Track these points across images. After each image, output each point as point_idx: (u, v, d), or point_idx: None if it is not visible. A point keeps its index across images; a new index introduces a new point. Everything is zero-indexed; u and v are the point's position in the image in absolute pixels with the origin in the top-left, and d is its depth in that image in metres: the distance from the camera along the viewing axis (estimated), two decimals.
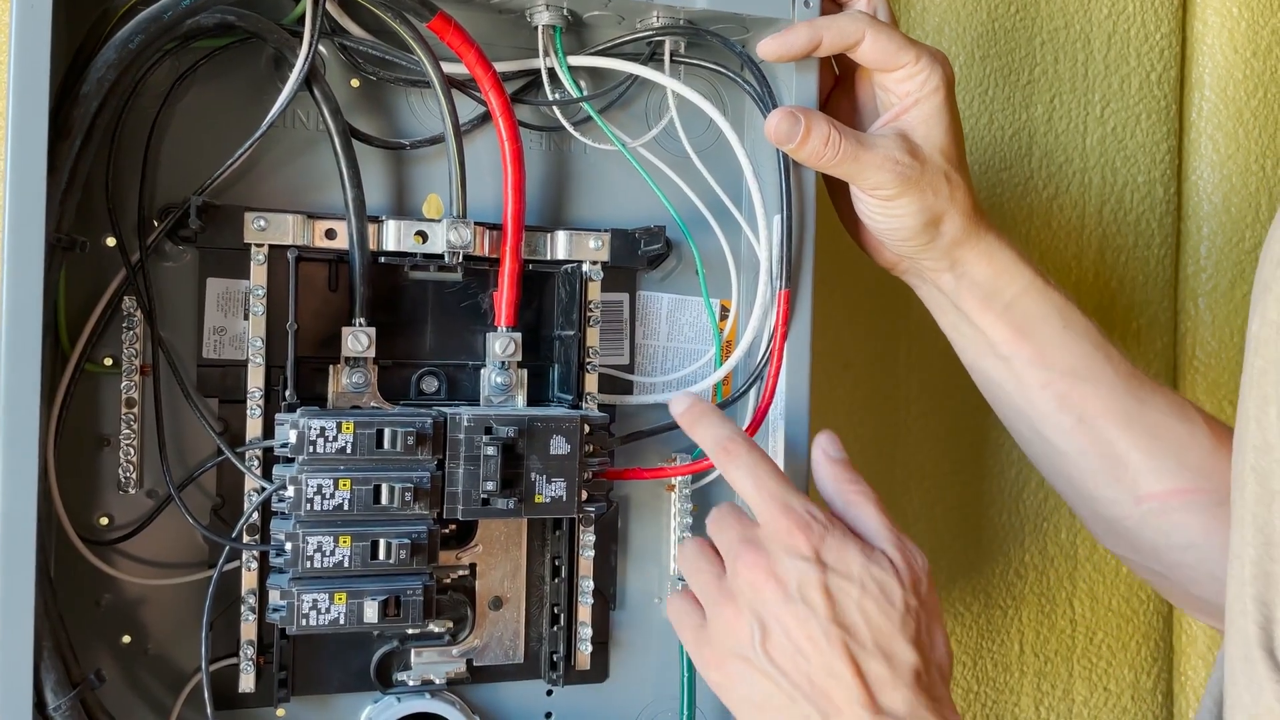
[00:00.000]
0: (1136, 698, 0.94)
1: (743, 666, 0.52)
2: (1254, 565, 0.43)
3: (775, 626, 0.52)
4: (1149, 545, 0.63)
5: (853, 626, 0.51)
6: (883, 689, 0.50)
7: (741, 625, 0.52)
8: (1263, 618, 0.43)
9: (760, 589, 0.52)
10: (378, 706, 0.61)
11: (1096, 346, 0.63)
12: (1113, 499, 0.63)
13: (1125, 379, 0.63)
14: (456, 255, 0.59)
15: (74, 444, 0.56)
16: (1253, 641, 0.43)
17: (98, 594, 0.57)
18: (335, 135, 0.58)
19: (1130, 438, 0.62)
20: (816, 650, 0.51)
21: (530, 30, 0.61)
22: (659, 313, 0.67)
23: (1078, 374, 0.63)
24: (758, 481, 0.54)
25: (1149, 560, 0.64)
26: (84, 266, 0.56)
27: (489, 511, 0.57)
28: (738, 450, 0.55)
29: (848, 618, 0.51)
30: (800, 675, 0.51)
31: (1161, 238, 0.94)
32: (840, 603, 0.51)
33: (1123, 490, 0.63)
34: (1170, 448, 0.62)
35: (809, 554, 0.52)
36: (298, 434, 0.54)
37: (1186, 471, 0.62)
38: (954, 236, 0.62)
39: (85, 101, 0.51)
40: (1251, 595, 0.43)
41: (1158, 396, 0.63)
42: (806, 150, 0.59)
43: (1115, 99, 0.92)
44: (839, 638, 0.51)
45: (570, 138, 0.64)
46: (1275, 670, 0.42)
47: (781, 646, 0.51)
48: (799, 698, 0.51)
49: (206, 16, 0.54)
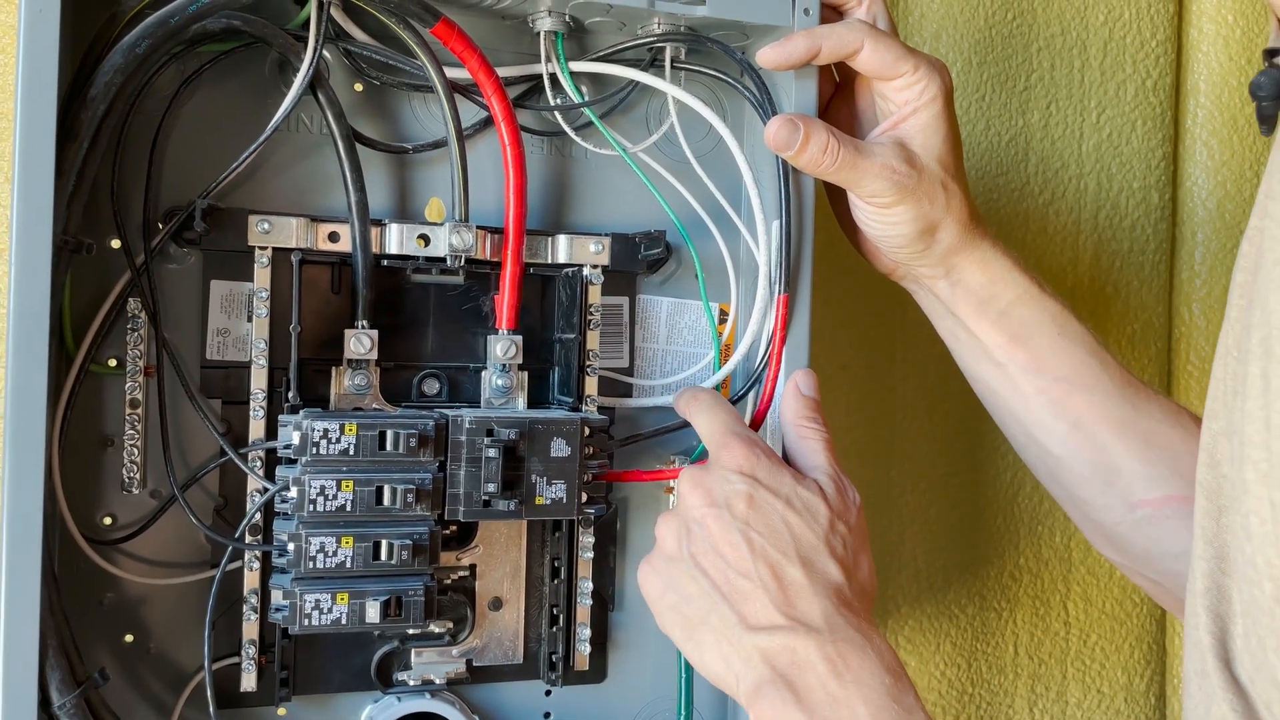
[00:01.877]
0: (1130, 700, 0.95)
1: (669, 569, 0.55)
2: (1206, 578, 0.44)
3: (697, 529, 0.54)
4: (1142, 551, 0.64)
5: (773, 533, 0.53)
6: (800, 595, 0.52)
7: (671, 531, 0.56)
8: (1218, 629, 0.43)
9: (690, 497, 0.55)
10: (378, 706, 0.62)
11: (1091, 353, 0.64)
12: (1106, 505, 0.63)
13: (1120, 386, 0.63)
14: (458, 258, 0.60)
15: (78, 444, 0.56)
16: (1208, 652, 0.43)
17: (100, 593, 0.58)
18: (339, 139, 0.58)
19: (1124, 445, 0.63)
20: (734, 551, 0.53)
21: (532, 36, 0.62)
22: (658, 316, 0.67)
23: (1072, 381, 0.63)
24: (711, 416, 0.58)
25: (1142, 566, 0.65)
26: (89, 268, 0.56)
27: (490, 513, 0.58)
28: (701, 396, 0.60)
29: (769, 524, 0.53)
30: (718, 575, 0.53)
31: (1156, 243, 0.94)
32: (764, 511, 0.54)
33: (1116, 496, 0.63)
34: (1164, 455, 0.63)
35: (744, 469, 0.55)
36: (301, 435, 0.55)
37: (1180, 479, 0.62)
38: (950, 244, 0.62)
39: (92, 105, 0.52)
40: (1205, 606, 0.44)
41: (1152, 404, 0.64)
42: (805, 157, 0.59)
43: (1111, 105, 0.92)
44: (758, 542, 0.53)
45: (571, 142, 0.64)
46: (1229, 681, 0.42)
47: (702, 548, 0.54)
48: (718, 600, 0.53)
49: (212, 21, 0.55)
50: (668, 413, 0.66)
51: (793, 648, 0.51)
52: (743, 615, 0.52)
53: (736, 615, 0.52)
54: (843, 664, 0.50)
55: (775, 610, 0.52)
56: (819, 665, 0.50)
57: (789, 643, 0.51)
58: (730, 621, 0.52)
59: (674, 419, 0.65)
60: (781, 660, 0.51)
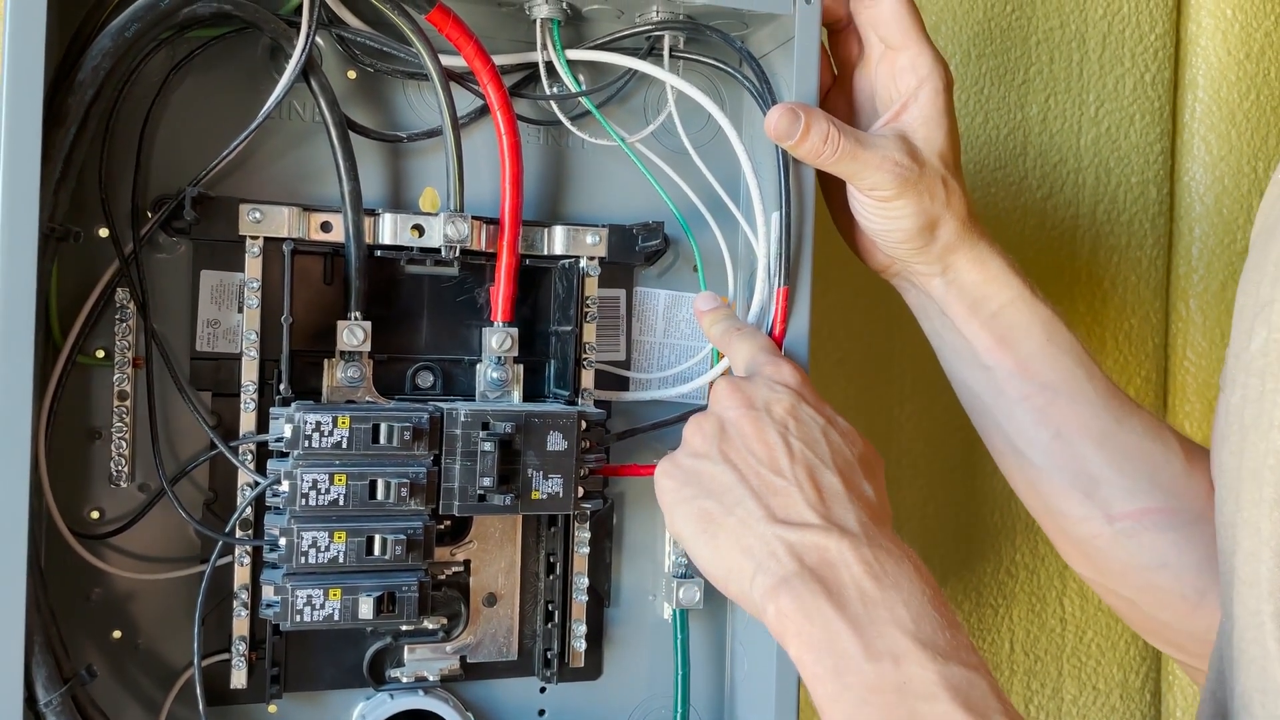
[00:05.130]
0: (1125, 696, 0.94)
1: (693, 464, 0.52)
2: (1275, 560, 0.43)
3: (733, 429, 0.52)
4: (1119, 566, 0.63)
5: (812, 441, 0.51)
6: (835, 500, 0.49)
7: (701, 430, 0.53)
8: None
9: (726, 398, 0.53)
10: (370, 703, 0.61)
11: (1079, 363, 0.63)
12: (1084, 517, 0.63)
13: (1105, 397, 0.63)
14: (453, 249, 0.59)
15: (65, 437, 0.55)
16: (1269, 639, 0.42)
17: (88, 588, 0.57)
18: (332, 127, 0.57)
19: (1104, 456, 0.62)
20: (769, 450, 0.50)
21: (529, 24, 0.61)
22: (656, 309, 0.66)
23: (1058, 389, 0.63)
24: (756, 340, 0.58)
25: (1118, 584, 0.64)
26: (77, 257, 0.55)
27: (485, 507, 0.57)
28: (741, 324, 0.60)
29: (808, 433, 0.51)
30: (750, 471, 0.50)
31: (1154, 238, 0.94)
32: (804, 421, 0.52)
33: (1094, 508, 0.62)
34: (1143, 467, 0.62)
35: (790, 383, 0.54)
36: (293, 428, 0.54)
37: (1159, 491, 0.61)
38: (948, 241, 0.62)
39: (80, 90, 0.51)
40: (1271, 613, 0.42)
41: (1134, 417, 0.63)
42: (805, 147, 0.59)
43: (1109, 100, 0.92)
44: (796, 445, 0.51)
45: (568, 132, 0.64)
46: None
47: (735, 445, 0.51)
48: (746, 494, 0.50)
49: (203, 5, 0.54)
50: (665, 406, 0.65)
51: (825, 545, 0.47)
52: (771, 508, 0.49)
53: (764, 509, 0.49)
54: (880, 568, 0.46)
55: (808, 508, 0.48)
56: (854, 565, 0.46)
57: (821, 540, 0.47)
58: (756, 514, 0.49)
59: (671, 412, 0.65)
60: (812, 556, 0.47)
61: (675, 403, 0.66)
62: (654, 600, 0.67)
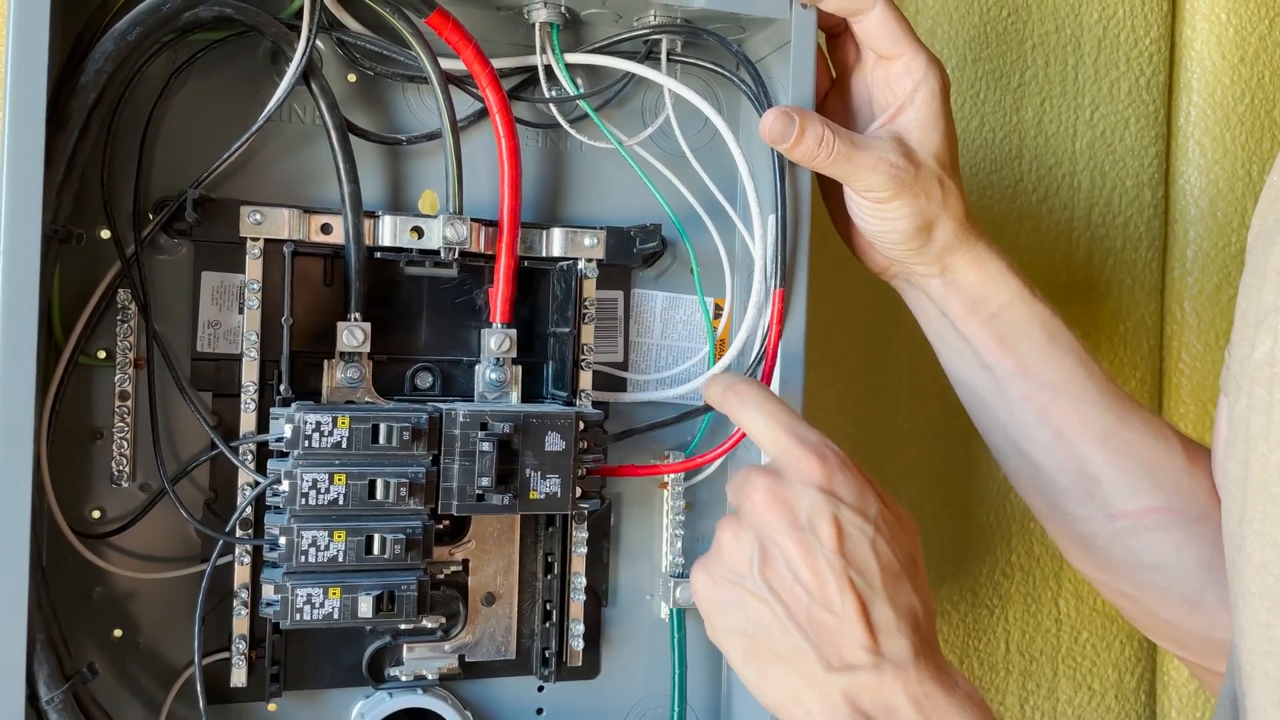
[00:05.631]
0: (1120, 697, 0.95)
1: (735, 591, 0.49)
2: None
3: (776, 552, 0.48)
4: (1120, 565, 0.63)
5: (862, 565, 0.48)
6: (888, 633, 0.48)
7: (742, 547, 0.49)
8: None
9: (766, 511, 0.49)
10: (369, 702, 0.61)
11: (1080, 362, 0.63)
12: (1085, 516, 0.63)
13: (1106, 396, 0.63)
14: (452, 251, 0.59)
15: (67, 437, 0.56)
16: None
17: (89, 587, 0.57)
18: (332, 130, 0.57)
19: (1105, 455, 0.62)
20: (819, 583, 0.48)
21: (528, 27, 0.62)
22: (653, 310, 0.67)
23: (1059, 388, 0.63)
24: (768, 415, 0.51)
25: (1119, 581, 0.64)
26: (78, 259, 0.55)
27: (484, 507, 0.57)
28: (745, 389, 0.53)
29: (857, 554, 0.48)
30: (797, 606, 0.48)
31: (1149, 241, 0.94)
32: (851, 537, 0.48)
33: (1096, 507, 0.63)
34: (1145, 467, 0.62)
35: (822, 483, 0.49)
36: (293, 428, 0.54)
37: (1160, 491, 0.62)
38: (945, 242, 0.62)
39: (83, 93, 0.51)
40: None
41: (1135, 416, 0.63)
42: (800, 150, 0.59)
43: (1105, 103, 0.92)
44: (845, 573, 0.47)
45: (566, 135, 0.64)
46: None
47: (780, 574, 0.48)
48: (793, 630, 0.48)
49: (205, 9, 0.54)
50: (662, 407, 0.66)
51: (878, 686, 0.47)
52: (824, 655, 0.47)
53: (817, 654, 0.47)
54: (929, 704, 0.46)
55: (859, 649, 0.47)
56: (904, 707, 0.46)
57: (873, 681, 0.47)
58: (809, 658, 0.48)
59: (669, 414, 0.65)
60: (865, 700, 0.47)
61: (673, 404, 0.66)
62: (651, 600, 0.67)
